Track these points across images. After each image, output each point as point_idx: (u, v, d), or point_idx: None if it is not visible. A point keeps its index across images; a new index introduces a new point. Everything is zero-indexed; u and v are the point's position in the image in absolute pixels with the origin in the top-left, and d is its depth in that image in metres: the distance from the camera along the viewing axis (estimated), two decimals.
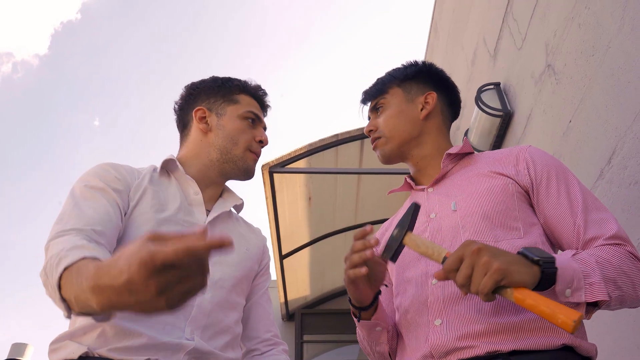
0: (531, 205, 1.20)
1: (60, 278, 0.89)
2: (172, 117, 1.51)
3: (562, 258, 0.98)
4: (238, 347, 1.30)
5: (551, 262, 0.94)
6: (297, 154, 4.12)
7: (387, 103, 1.37)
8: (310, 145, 4.15)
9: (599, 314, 1.83)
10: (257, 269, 1.43)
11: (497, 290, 0.91)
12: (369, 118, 1.44)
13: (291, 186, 4.55)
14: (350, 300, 1.19)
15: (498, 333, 1.02)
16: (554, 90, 2.19)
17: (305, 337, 6.37)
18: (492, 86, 2.83)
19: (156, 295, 0.69)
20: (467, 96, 3.43)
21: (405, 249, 1.08)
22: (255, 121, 1.43)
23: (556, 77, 2.16)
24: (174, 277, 0.68)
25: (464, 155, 1.34)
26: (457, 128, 3.71)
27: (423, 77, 1.39)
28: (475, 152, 1.35)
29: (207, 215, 1.33)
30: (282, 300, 5.98)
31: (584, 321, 1.13)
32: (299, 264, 5.61)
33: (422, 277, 1.16)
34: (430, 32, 4.50)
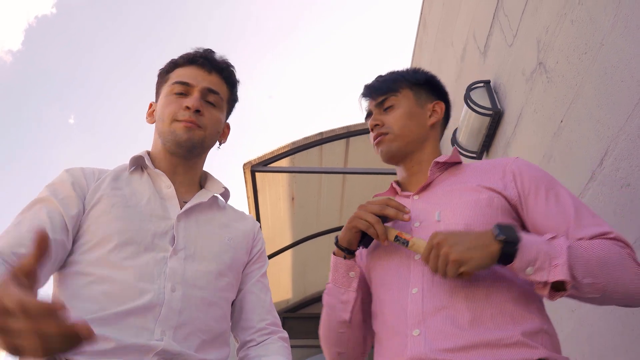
0: (516, 221, 1.25)
1: None
2: None
3: (533, 239, 1.07)
4: (224, 345, 1.27)
5: (514, 242, 1.04)
6: (280, 152, 4.09)
7: (398, 102, 1.41)
8: (293, 143, 4.13)
9: (591, 316, 1.84)
10: (247, 258, 1.40)
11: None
12: (370, 113, 1.46)
13: (274, 186, 4.53)
14: (335, 239, 1.31)
15: (477, 348, 1.06)
16: (545, 88, 2.19)
17: None
18: (481, 84, 2.83)
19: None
20: (456, 94, 3.43)
21: (382, 254, 1.28)
22: (187, 91, 1.36)
23: (547, 75, 2.16)
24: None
25: (451, 164, 1.39)
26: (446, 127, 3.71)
27: (431, 86, 1.47)
28: (463, 163, 1.40)
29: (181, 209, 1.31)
30: None
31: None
32: (281, 267, 5.59)
33: (402, 284, 1.20)
34: (419, 27, 4.50)
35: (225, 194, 1.45)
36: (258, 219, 4.54)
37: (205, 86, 1.36)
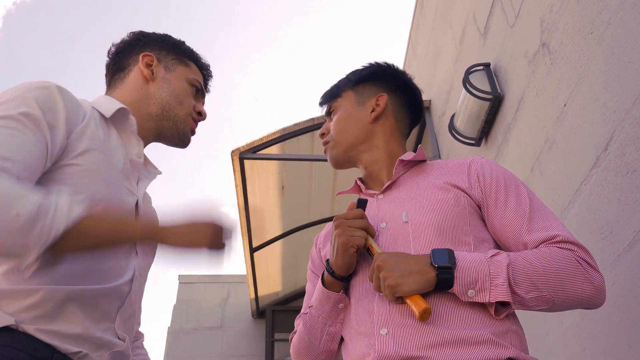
0: (482, 220, 1.27)
1: (74, 221, 0.98)
2: None
3: (472, 259, 1.10)
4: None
5: (448, 268, 1.08)
6: (269, 139, 4.04)
7: (339, 106, 1.43)
8: (284, 129, 4.08)
9: (589, 314, 1.83)
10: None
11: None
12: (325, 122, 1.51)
13: (263, 174, 4.49)
14: (329, 270, 1.23)
15: (447, 345, 1.07)
16: (548, 71, 2.16)
17: (277, 336, 6.35)
18: (481, 67, 2.80)
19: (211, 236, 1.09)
20: (454, 77, 3.40)
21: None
22: (199, 93, 1.45)
23: (551, 56, 2.13)
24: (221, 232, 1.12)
25: (416, 162, 1.40)
26: (443, 113, 3.68)
27: (377, 79, 1.44)
28: (428, 161, 1.41)
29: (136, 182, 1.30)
30: (253, 296, 5.94)
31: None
32: (271, 258, 5.56)
33: (368, 288, 1.21)
34: (415, 9, 4.46)
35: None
36: (247, 208, 4.50)
37: (203, 103, 1.49)
